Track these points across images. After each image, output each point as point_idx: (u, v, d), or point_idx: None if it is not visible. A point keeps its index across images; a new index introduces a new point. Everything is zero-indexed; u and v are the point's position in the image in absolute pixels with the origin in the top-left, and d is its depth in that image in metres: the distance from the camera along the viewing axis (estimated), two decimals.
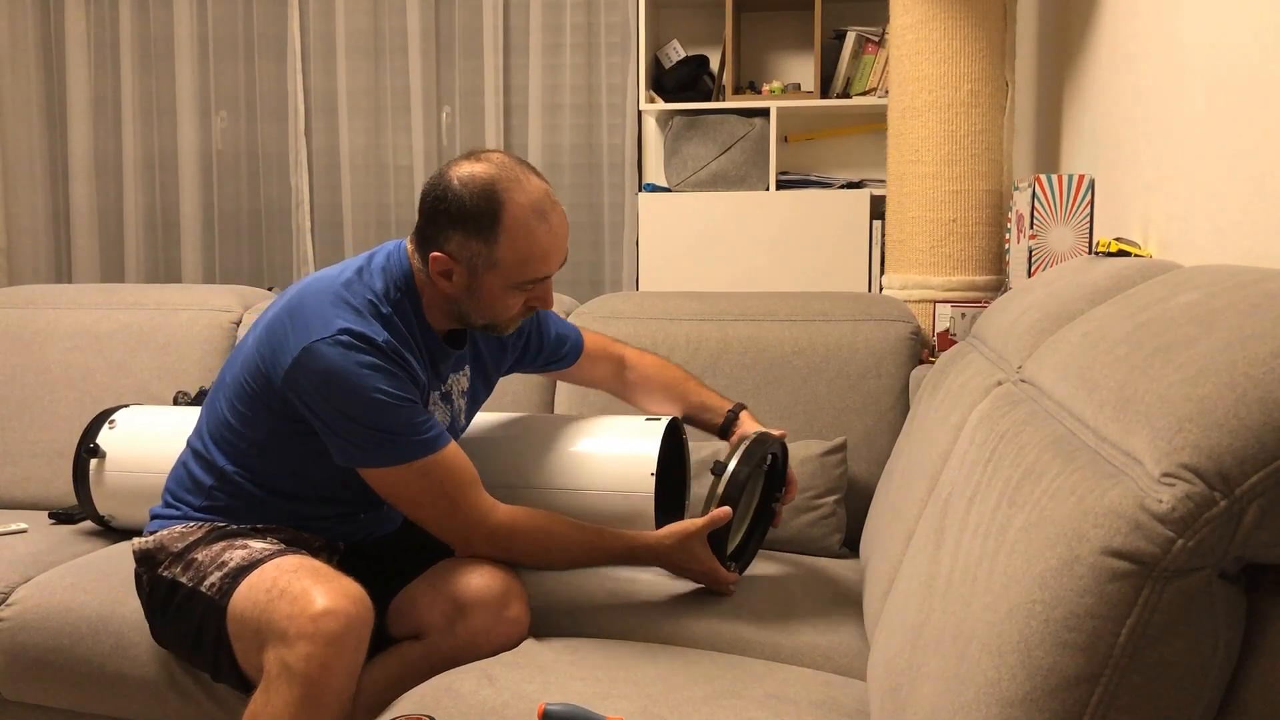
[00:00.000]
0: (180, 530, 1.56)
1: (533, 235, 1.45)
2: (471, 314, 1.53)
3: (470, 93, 3.62)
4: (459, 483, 1.48)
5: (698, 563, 1.58)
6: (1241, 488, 0.67)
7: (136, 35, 3.77)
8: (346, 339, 1.43)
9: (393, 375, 1.45)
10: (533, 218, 1.45)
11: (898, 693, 1.02)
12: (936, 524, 1.13)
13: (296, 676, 1.32)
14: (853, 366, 2.05)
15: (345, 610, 1.34)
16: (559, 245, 1.50)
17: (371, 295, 1.50)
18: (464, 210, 1.44)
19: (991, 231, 2.24)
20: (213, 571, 1.47)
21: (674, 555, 1.57)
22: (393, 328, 1.50)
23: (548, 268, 1.49)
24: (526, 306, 1.54)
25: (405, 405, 1.45)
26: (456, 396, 1.66)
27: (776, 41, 3.48)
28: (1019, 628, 0.76)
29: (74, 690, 1.69)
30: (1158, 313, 0.92)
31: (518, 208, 1.44)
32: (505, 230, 1.45)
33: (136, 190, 3.80)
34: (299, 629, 1.32)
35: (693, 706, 1.22)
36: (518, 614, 1.50)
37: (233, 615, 1.43)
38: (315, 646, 1.31)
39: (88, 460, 1.91)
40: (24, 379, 2.30)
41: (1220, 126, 1.40)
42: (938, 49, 2.18)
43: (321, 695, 1.32)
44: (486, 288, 1.49)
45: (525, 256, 1.46)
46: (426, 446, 1.45)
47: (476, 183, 1.44)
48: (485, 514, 1.50)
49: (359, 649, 1.36)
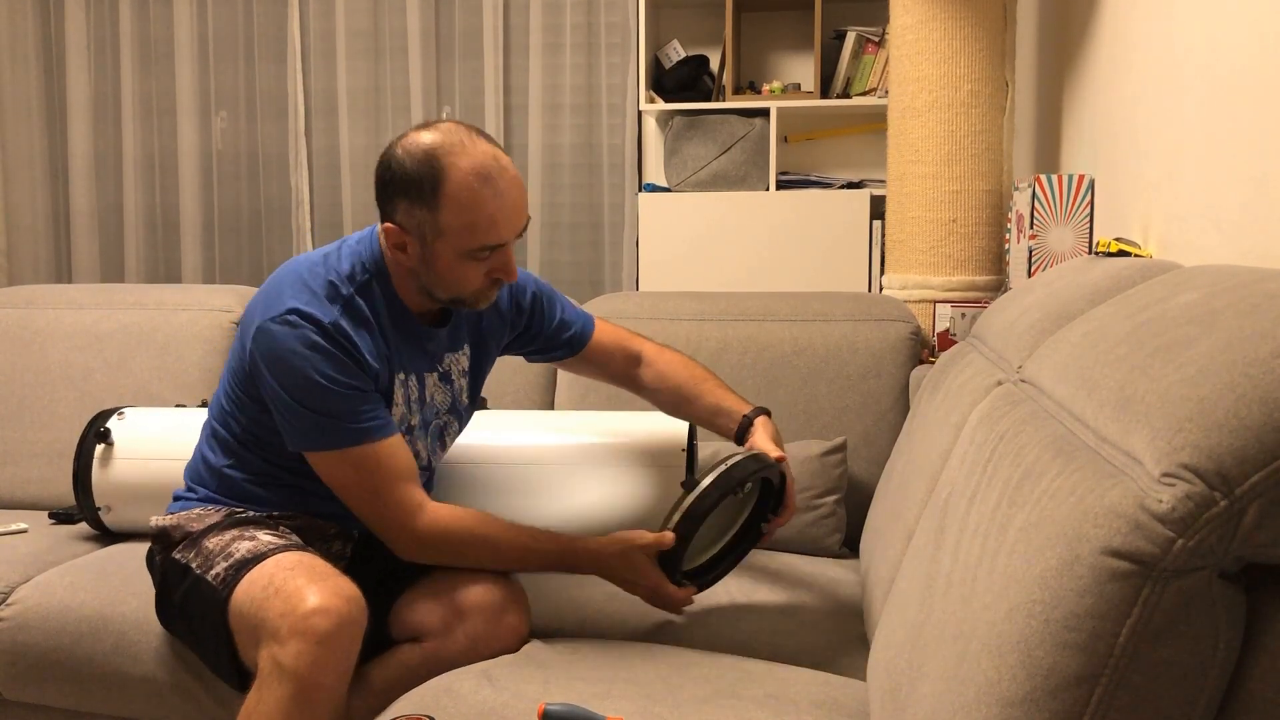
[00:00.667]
0: (199, 512, 1.57)
1: (477, 200, 1.42)
2: (434, 287, 1.50)
3: (470, 93, 3.61)
4: (391, 476, 1.46)
5: (642, 577, 1.49)
6: (1241, 488, 0.67)
7: (136, 35, 3.77)
8: (293, 318, 1.44)
9: (336, 359, 1.44)
10: (475, 181, 1.42)
11: (898, 693, 1.02)
12: (936, 524, 1.13)
13: (288, 674, 1.32)
14: (853, 366, 2.05)
15: (337, 609, 1.33)
16: (508, 211, 1.45)
17: (334, 277, 1.50)
18: (407, 177, 1.43)
19: (991, 231, 2.24)
20: (219, 561, 1.48)
21: (615, 564, 1.49)
22: (353, 310, 1.49)
23: (498, 234, 1.45)
24: (490, 279, 1.50)
25: (344, 391, 1.44)
26: (457, 376, 1.66)
27: (776, 41, 3.48)
28: (1019, 628, 0.76)
29: (74, 690, 1.69)
30: (1158, 313, 0.92)
31: (459, 172, 1.42)
32: (447, 195, 1.42)
33: (136, 190, 3.80)
34: (291, 627, 1.32)
35: (693, 706, 1.22)
36: (516, 622, 1.50)
37: (233, 610, 1.43)
38: (306, 644, 1.31)
39: (93, 446, 1.92)
40: (24, 379, 2.30)
41: (1220, 126, 1.40)
42: (938, 49, 2.18)
43: (313, 693, 1.32)
44: (439, 258, 1.46)
45: (470, 222, 1.43)
46: (362, 435, 1.44)
47: (419, 149, 1.43)
48: (413, 511, 1.47)
49: (351, 648, 1.36)
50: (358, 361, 1.47)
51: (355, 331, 1.48)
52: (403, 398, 1.56)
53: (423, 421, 1.62)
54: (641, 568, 1.48)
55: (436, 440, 1.65)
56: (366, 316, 1.50)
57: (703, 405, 1.72)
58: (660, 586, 1.49)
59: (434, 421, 1.64)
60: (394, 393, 1.54)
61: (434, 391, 1.61)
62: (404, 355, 1.56)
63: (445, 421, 1.66)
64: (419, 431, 1.61)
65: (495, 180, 1.43)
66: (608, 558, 1.49)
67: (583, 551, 1.49)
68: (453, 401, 1.66)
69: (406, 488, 1.47)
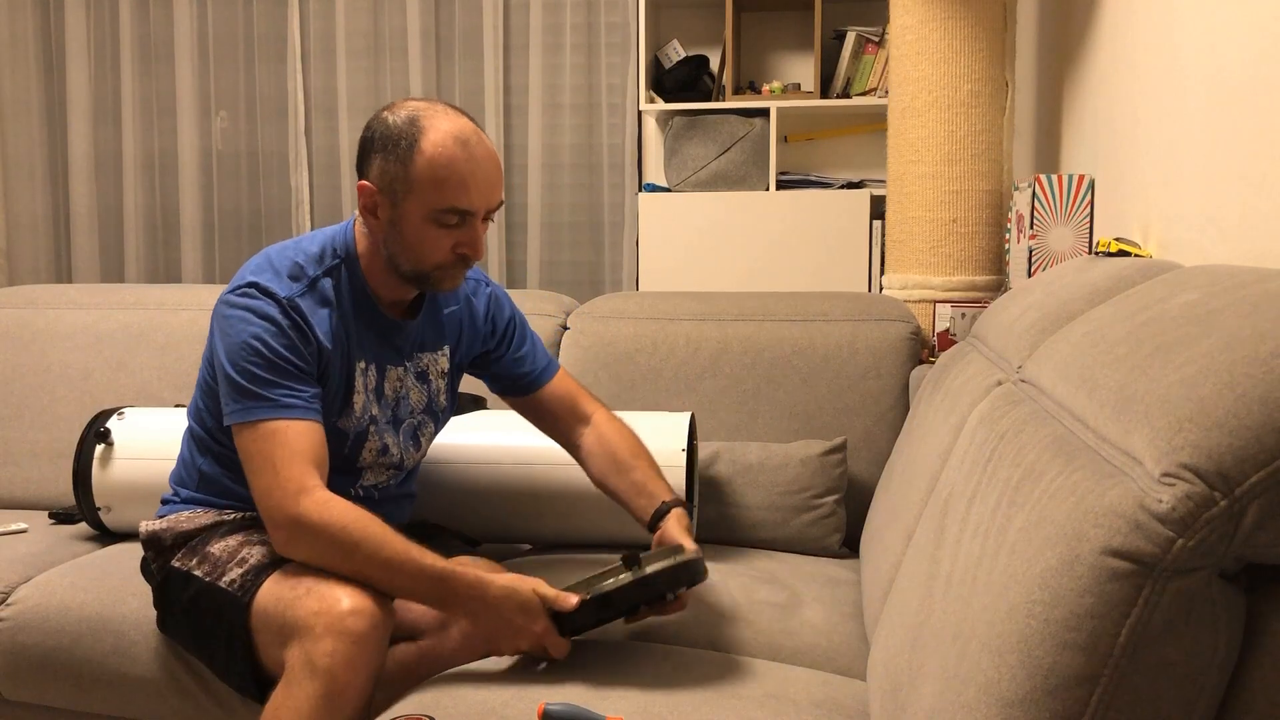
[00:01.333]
0: (187, 515, 1.58)
1: (450, 158, 1.43)
2: (399, 256, 1.50)
3: (470, 93, 3.61)
4: (291, 453, 1.41)
5: (532, 622, 1.36)
6: (1241, 488, 0.67)
7: (136, 35, 3.77)
8: (251, 290, 1.47)
9: (284, 333, 1.45)
10: (450, 141, 1.44)
11: (898, 693, 1.02)
12: (936, 524, 1.13)
13: (320, 672, 1.32)
14: (853, 366, 2.05)
15: (371, 610, 1.34)
16: (480, 179, 1.45)
17: (301, 259, 1.52)
18: (387, 135, 1.46)
19: (991, 231, 2.24)
20: (232, 568, 1.48)
21: (504, 604, 1.36)
22: (315, 291, 1.50)
23: (467, 199, 1.45)
24: (456, 253, 1.49)
25: (278, 362, 1.44)
26: (435, 376, 1.66)
27: (776, 41, 3.48)
28: (1019, 628, 0.76)
29: (74, 690, 1.69)
30: (1157, 313, 0.92)
31: (437, 131, 1.44)
32: (421, 151, 1.43)
33: (136, 190, 3.80)
34: (326, 625, 1.32)
35: (693, 706, 1.22)
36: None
37: (257, 611, 1.43)
38: (342, 643, 1.32)
39: (93, 446, 1.92)
40: (24, 379, 2.30)
41: (1220, 126, 1.40)
42: (938, 49, 2.18)
43: (344, 692, 1.32)
44: (406, 218, 1.47)
45: (441, 179, 1.43)
46: (278, 409, 1.43)
47: (404, 111, 1.47)
48: (299, 492, 1.38)
49: (381, 649, 1.36)
50: (307, 339, 1.47)
51: (314, 311, 1.49)
52: (363, 385, 1.56)
53: (393, 417, 1.61)
54: (535, 613, 1.36)
55: (409, 439, 1.65)
56: (329, 298, 1.51)
57: (630, 480, 1.65)
58: (547, 636, 1.37)
59: (407, 420, 1.63)
60: (354, 379, 1.54)
61: (402, 386, 1.61)
62: (366, 344, 1.56)
63: (420, 421, 1.66)
64: (385, 426, 1.60)
65: (471, 146, 1.45)
66: (497, 595, 1.37)
67: (467, 581, 1.37)
68: (429, 401, 1.66)
69: (303, 468, 1.40)
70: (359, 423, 1.56)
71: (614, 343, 2.13)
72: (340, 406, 1.55)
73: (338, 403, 1.54)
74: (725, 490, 1.92)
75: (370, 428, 1.57)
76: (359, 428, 1.57)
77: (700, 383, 2.08)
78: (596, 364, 2.12)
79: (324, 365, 1.51)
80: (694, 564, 1.39)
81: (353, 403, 1.55)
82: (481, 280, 1.74)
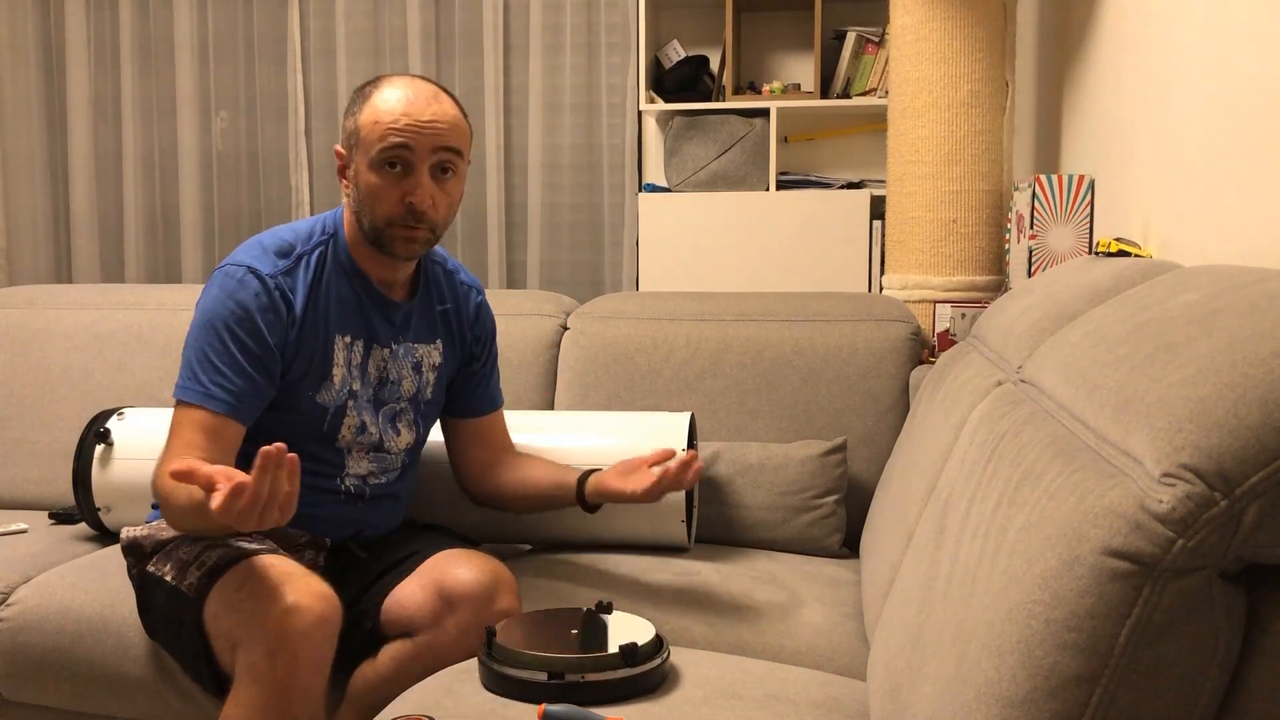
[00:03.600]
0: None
1: (391, 103, 1.49)
2: (360, 214, 1.54)
3: (470, 93, 3.61)
4: (184, 445, 1.43)
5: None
6: (1241, 488, 0.67)
7: (136, 35, 3.77)
8: (233, 268, 1.51)
9: (248, 318, 1.48)
10: (396, 90, 1.51)
11: (898, 693, 1.02)
12: (936, 524, 1.13)
13: (261, 677, 1.31)
14: (853, 366, 2.05)
15: (309, 607, 1.33)
16: (420, 119, 1.48)
17: (290, 236, 1.56)
18: (352, 98, 1.56)
19: (991, 231, 2.24)
20: (192, 570, 1.48)
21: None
22: (300, 264, 1.54)
23: (402, 137, 1.47)
24: (404, 205, 1.49)
25: (230, 348, 1.47)
26: (427, 369, 1.68)
27: (776, 41, 3.48)
28: (1019, 628, 0.76)
29: (74, 690, 1.69)
30: (1158, 313, 0.92)
31: (388, 84, 1.52)
32: (367, 99, 1.52)
33: (136, 190, 3.80)
34: (264, 628, 1.32)
35: (692, 706, 1.22)
36: (507, 605, 1.50)
37: (208, 615, 1.43)
38: (281, 644, 1.31)
39: (93, 446, 1.92)
40: (24, 379, 2.30)
41: (1220, 126, 1.40)
42: (937, 49, 2.18)
43: (286, 694, 1.31)
44: (360, 173, 1.51)
45: (378, 121, 1.48)
46: (202, 397, 1.46)
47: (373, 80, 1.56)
48: (162, 469, 1.42)
49: (325, 646, 1.35)
50: (279, 317, 1.50)
51: (297, 284, 1.53)
52: (344, 359, 1.57)
53: (374, 398, 1.62)
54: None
55: (388, 421, 1.65)
56: (314, 271, 1.55)
57: (544, 471, 1.71)
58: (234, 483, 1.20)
59: (390, 403, 1.64)
60: (332, 352, 1.56)
61: (389, 368, 1.62)
62: (351, 319, 1.58)
63: (402, 408, 1.66)
64: (364, 404, 1.61)
65: (417, 92, 1.51)
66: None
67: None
68: (417, 391, 1.67)
69: (174, 452, 1.43)
70: (338, 396, 1.57)
71: (614, 343, 2.13)
72: (319, 380, 1.55)
73: (315, 375, 1.55)
74: (725, 490, 1.92)
75: (349, 402, 1.58)
76: (338, 401, 1.57)
77: (700, 383, 2.08)
78: (596, 364, 2.12)
79: (299, 336, 1.53)
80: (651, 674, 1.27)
81: (331, 375, 1.56)
82: (475, 288, 1.76)
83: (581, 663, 1.24)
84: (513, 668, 1.26)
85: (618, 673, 1.24)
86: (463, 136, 1.54)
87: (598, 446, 1.83)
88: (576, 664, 1.24)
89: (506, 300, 2.24)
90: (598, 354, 2.13)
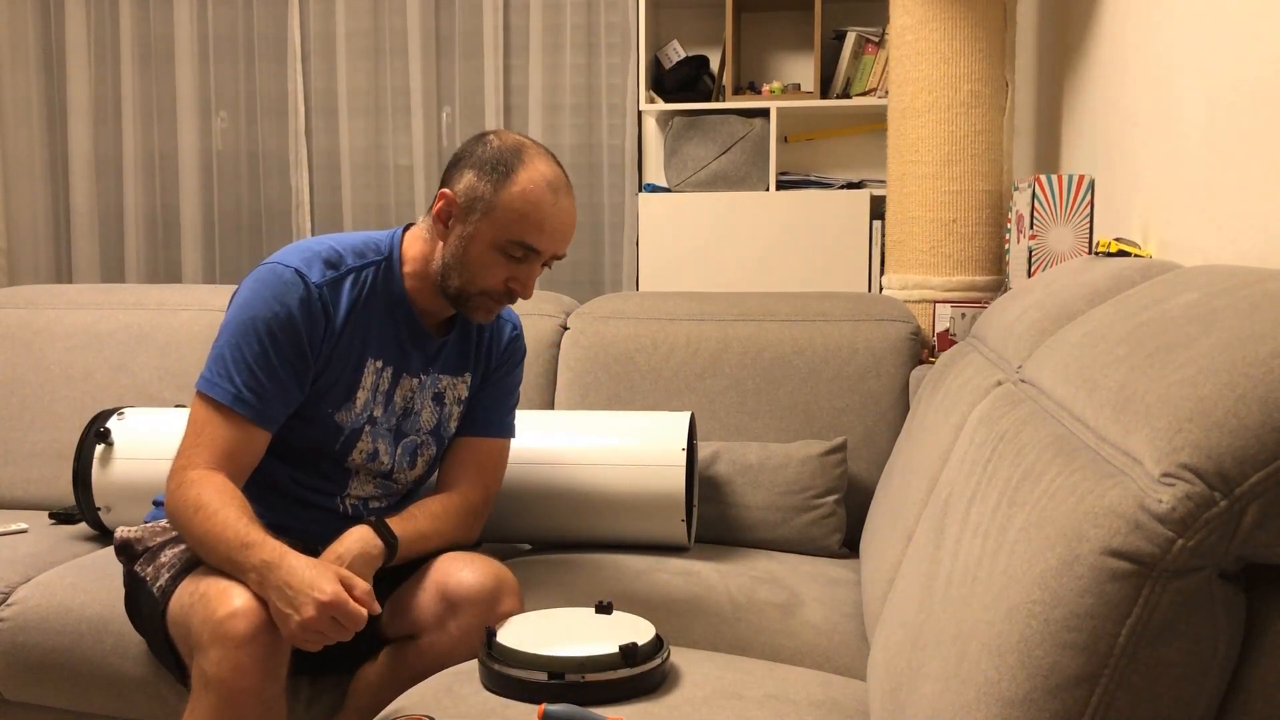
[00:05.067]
0: (163, 525, 1.57)
1: (539, 197, 1.48)
2: (452, 271, 1.51)
3: (470, 93, 3.61)
4: (206, 441, 1.43)
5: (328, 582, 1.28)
6: (1241, 488, 0.67)
7: (136, 35, 3.77)
8: (281, 267, 1.49)
9: (290, 321, 1.46)
10: (544, 183, 1.49)
11: (898, 693, 1.02)
12: (936, 524, 1.13)
13: (211, 683, 1.30)
14: (853, 366, 2.05)
15: (255, 610, 1.31)
16: (560, 225, 1.50)
17: (341, 248, 1.54)
18: (487, 155, 1.50)
19: (991, 231, 2.24)
20: (164, 573, 1.48)
21: (306, 571, 1.29)
22: (347, 279, 1.52)
23: (540, 239, 1.49)
24: (506, 286, 1.51)
25: (267, 351, 1.45)
26: (451, 402, 1.65)
27: (776, 41, 3.48)
28: (1019, 628, 0.76)
29: (74, 690, 1.69)
30: (1157, 313, 0.92)
31: (535, 170, 1.49)
32: (515, 181, 1.48)
33: (136, 190, 3.80)
34: (211, 633, 1.31)
35: (692, 707, 1.22)
36: (510, 608, 1.49)
37: (170, 621, 1.43)
38: (226, 649, 1.29)
39: (93, 446, 1.92)
40: (24, 379, 2.30)
41: (1220, 126, 1.40)
42: (937, 49, 2.18)
43: (237, 698, 1.29)
44: (477, 237, 1.49)
45: (522, 213, 1.47)
46: (232, 399, 1.44)
47: (513, 140, 1.52)
48: (184, 468, 1.42)
49: (274, 648, 1.32)
50: (318, 326, 1.48)
51: (341, 297, 1.51)
52: (371, 384, 1.55)
53: (394, 429, 1.60)
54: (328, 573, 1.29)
55: (407, 454, 1.63)
56: (360, 290, 1.53)
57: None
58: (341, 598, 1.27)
59: (411, 436, 1.62)
60: (362, 375, 1.54)
61: (415, 399, 1.60)
62: (387, 345, 1.56)
63: (424, 440, 1.64)
64: (382, 432, 1.59)
65: (560, 194, 1.50)
66: (300, 558, 1.32)
67: (270, 544, 1.33)
68: (438, 424, 1.64)
69: (208, 456, 1.42)
70: (356, 419, 1.56)
71: (614, 343, 2.13)
72: (341, 399, 1.54)
73: (338, 394, 1.54)
74: (725, 490, 1.92)
75: (366, 427, 1.57)
76: (355, 424, 1.56)
77: (700, 383, 2.08)
78: (596, 364, 2.12)
79: (332, 350, 1.51)
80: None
81: (355, 398, 1.54)
82: (513, 322, 1.74)
83: (581, 663, 1.24)
84: (513, 668, 1.26)
85: (618, 673, 1.24)
86: (573, 235, 1.56)
87: (598, 446, 1.83)
88: (576, 664, 1.24)
89: None
90: (598, 354, 2.13)
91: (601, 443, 1.83)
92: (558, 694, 1.23)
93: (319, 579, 1.28)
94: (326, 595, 1.26)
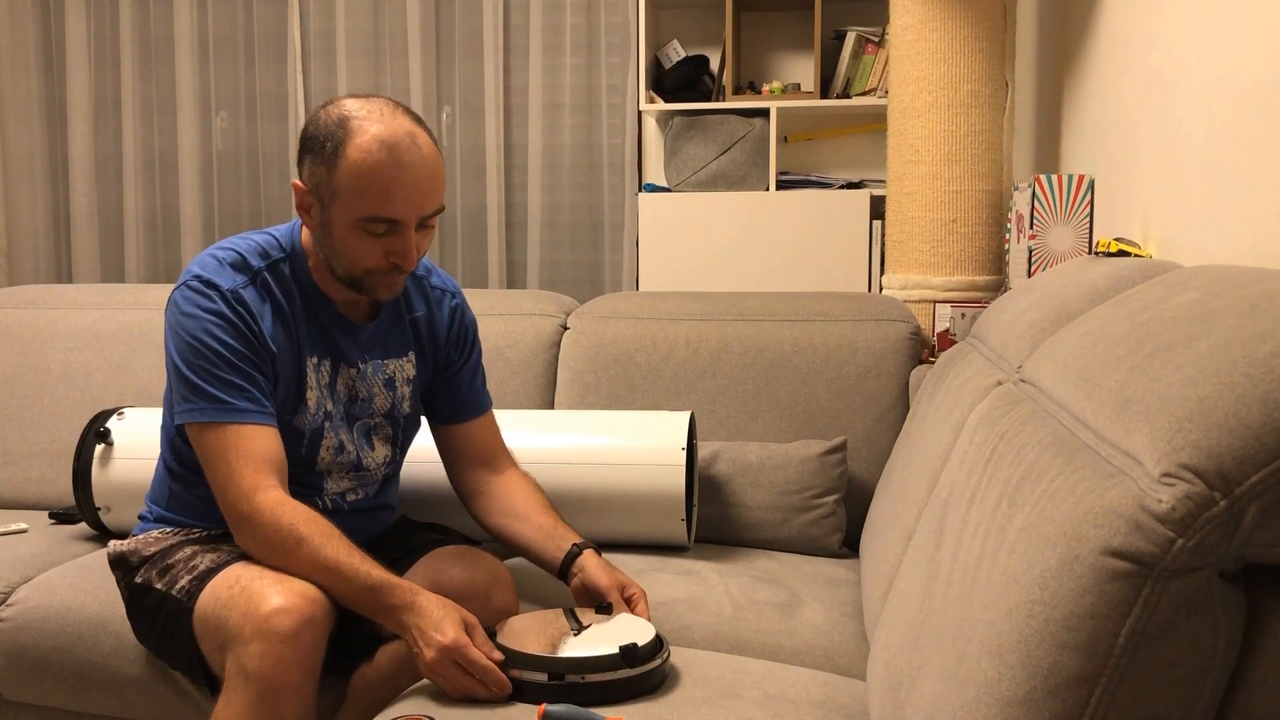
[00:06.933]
0: (156, 535, 1.56)
1: (374, 165, 1.38)
2: (332, 259, 1.47)
3: (470, 93, 3.61)
4: (243, 456, 1.41)
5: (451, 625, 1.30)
6: (1241, 488, 0.67)
7: (136, 35, 3.77)
8: (195, 284, 1.46)
9: (231, 325, 1.44)
10: (377, 148, 1.38)
11: (898, 693, 1.02)
12: (936, 524, 1.13)
13: (251, 677, 1.30)
14: (853, 366, 2.05)
15: (299, 608, 1.32)
16: (407, 187, 1.40)
17: (245, 251, 1.50)
18: (317, 135, 1.42)
19: (991, 231, 2.24)
20: (183, 575, 1.47)
21: (434, 610, 1.32)
22: (260, 284, 1.49)
23: (391, 208, 1.40)
24: (389, 262, 1.45)
25: (230, 357, 1.43)
26: (401, 384, 1.63)
27: (776, 41, 3.48)
28: (1019, 628, 0.76)
29: (74, 690, 1.69)
30: (1157, 313, 0.92)
31: (364, 136, 1.39)
32: (345, 156, 1.39)
33: (136, 190, 3.80)
34: (253, 628, 1.31)
35: (692, 706, 1.22)
36: (504, 603, 1.49)
37: (198, 617, 1.43)
38: (269, 645, 1.30)
39: (93, 446, 1.92)
40: (24, 379, 2.30)
41: (1220, 126, 1.40)
42: (937, 49, 2.18)
43: (278, 694, 1.30)
44: (333, 223, 1.43)
45: (362, 188, 1.39)
46: (228, 413, 1.42)
47: (338, 111, 1.42)
48: (251, 492, 1.39)
49: (315, 647, 1.34)
50: (254, 333, 1.46)
51: (258, 305, 1.48)
52: (315, 381, 1.54)
53: (346, 415, 1.59)
54: (452, 619, 1.31)
55: (363, 436, 1.61)
56: (273, 293, 1.50)
57: (535, 524, 1.58)
58: (486, 666, 1.27)
59: (363, 419, 1.61)
60: (306, 376, 1.53)
61: (359, 385, 1.59)
62: (317, 340, 1.54)
63: (377, 423, 1.63)
64: (340, 423, 1.58)
65: (400, 153, 1.39)
66: (424, 604, 1.33)
67: (398, 594, 1.35)
68: (392, 406, 1.63)
69: (257, 468, 1.41)
70: (314, 419, 1.54)
71: (614, 343, 2.13)
72: (295, 402, 1.52)
73: (291, 399, 1.52)
74: (725, 490, 1.92)
75: (325, 424, 1.55)
76: (314, 424, 1.54)
77: (700, 383, 2.08)
78: (596, 364, 2.12)
79: (272, 356, 1.49)
80: (654, 674, 1.28)
81: (306, 399, 1.53)
82: (449, 291, 1.70)
83: (582, 663, 1.24)
84: (513, 668, 1.26)
85: (618, 673, 1.24)
86: (442, 184, 1.45)
87: (598, 446, 1.83)
88: (577, 664, 1.24)
89: (506, 300, 2.24)
90: (598, 354, 2.13)
91: (601, 442, 1.83)
92: (558, 695, 1.23)
93: (443, 621, 1.30)
94: (448, 639, 1.28)
